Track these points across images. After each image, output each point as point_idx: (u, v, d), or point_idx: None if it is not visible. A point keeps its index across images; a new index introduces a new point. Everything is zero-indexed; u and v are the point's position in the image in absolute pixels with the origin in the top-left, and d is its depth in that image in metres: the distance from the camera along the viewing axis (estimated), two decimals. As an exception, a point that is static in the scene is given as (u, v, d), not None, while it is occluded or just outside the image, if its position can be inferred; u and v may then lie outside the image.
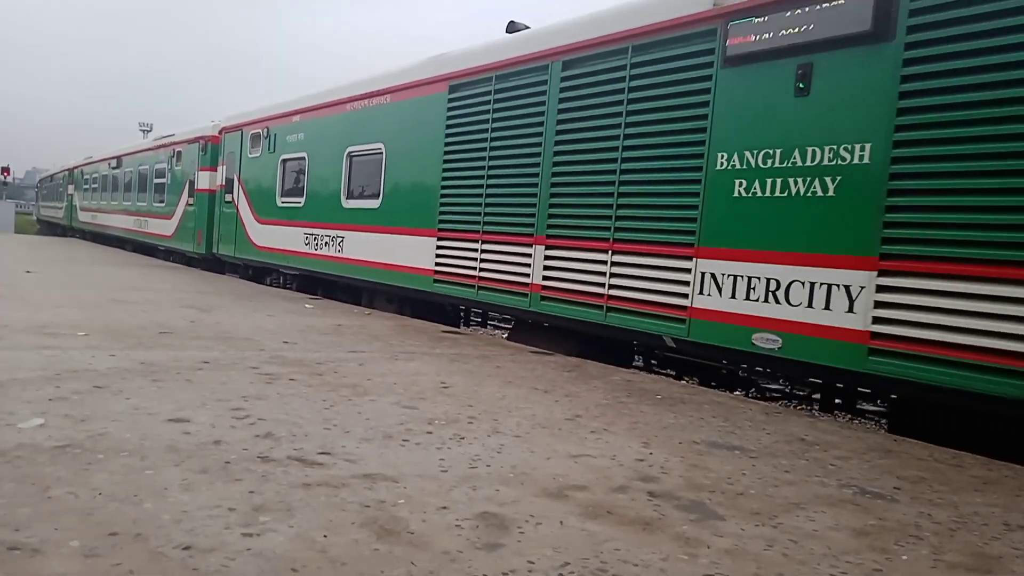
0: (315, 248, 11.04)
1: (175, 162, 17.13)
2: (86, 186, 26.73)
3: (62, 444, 3.12)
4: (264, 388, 4.49)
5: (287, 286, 12.78)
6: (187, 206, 16.29)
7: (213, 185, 15.00)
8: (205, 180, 15.33)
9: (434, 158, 8.46)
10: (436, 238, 8.44)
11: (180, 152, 16.84)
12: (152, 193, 18.75)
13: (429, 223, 8.54)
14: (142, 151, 20.03)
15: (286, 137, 11.95)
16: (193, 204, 15.93)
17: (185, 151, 16.50)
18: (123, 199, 21.51)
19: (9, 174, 42.09)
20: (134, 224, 20.40)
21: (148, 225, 19.11)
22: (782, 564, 2.45)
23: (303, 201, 11.44)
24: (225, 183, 14.34)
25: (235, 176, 13.84)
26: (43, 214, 39.11)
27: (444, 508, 2.73)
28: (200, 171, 15.52)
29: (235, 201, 13.85)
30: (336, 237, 10.49)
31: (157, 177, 18.37)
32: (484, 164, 7.76)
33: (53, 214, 34.44)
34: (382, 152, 9.48)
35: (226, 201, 14.28)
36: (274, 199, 12.33)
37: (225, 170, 14.35)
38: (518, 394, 4.89)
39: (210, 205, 15.13)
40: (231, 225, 14.03)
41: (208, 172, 15.20)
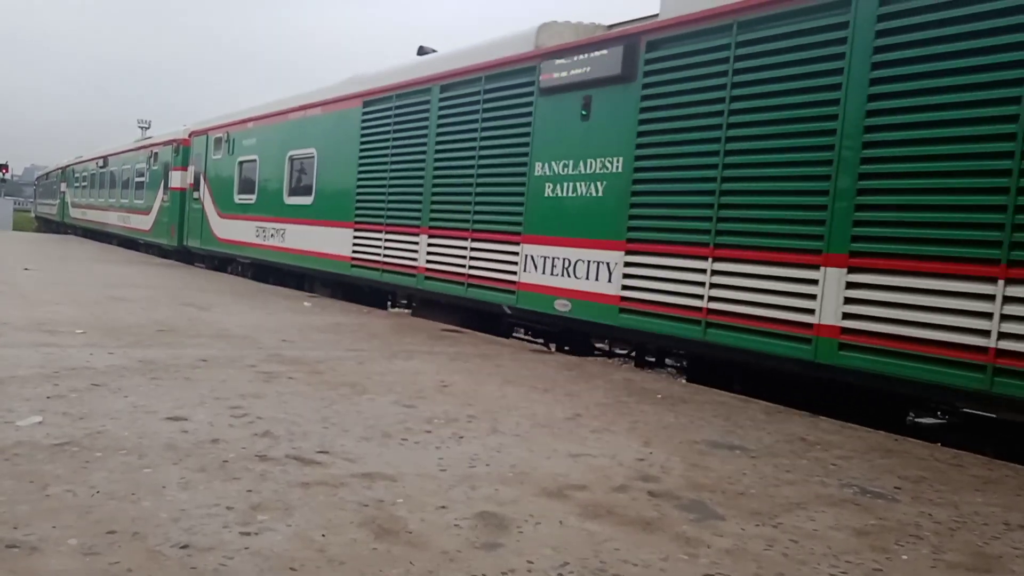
0: (264, 239, 12.43)
1: (153, 162, 18.35)
2: (76, 184, 28.12)
3: (60, 442, 3.11)
4: (263, 386, 4.49)
5: (244, 275, 13.94)
6: (163, 203, 17.52)
7: (184, 184, 16.24)
8: (177, 179, 16.57)
9: (352, 162, 9.91)
10: (353, 229, 9.92)
11: (157, 153, 18.09)
12: (133, 190, 20.01)
13: (348, 217, 10.01)
14: (125, 152, 21.27)
15: (242, 141, 13.38)
16: (168, 201, 17.16)
17: (161, 152, 17.76)
18: (108, 196, 22.77)
19: (7, 171, 42.01)
20: (118, 220, 21.62)
21: (130, 220, 20.34)
22: (782, 564, 2.45)
23: (255, 198, 12.82)
24: (193, 182, 15.63)
25: (201, 175, 15.14)
26: (40, 211, 40.27)
27: (443, 507, 2.72)
28: (173, 171, 16.79)
29: (201, 198, 15.14)
30: (280, 229, 11.92)
31: (138, 176, 19.60)
32: (387, 168, 9.24)
33: (48, 211, 35.78)
34: (314, 156, 10.93)
35: (194, 198, 15.58)
36: (232, 196, 13.63)
37: (193, 170, 15.67)
38: (518, 393, 4.88)
39: (181, 202, 16.38)
40: (198, 219, 15.34)
41: (180, 172, 16.48)
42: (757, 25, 5.26)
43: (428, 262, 8.48)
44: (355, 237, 9.84)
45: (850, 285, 4.68)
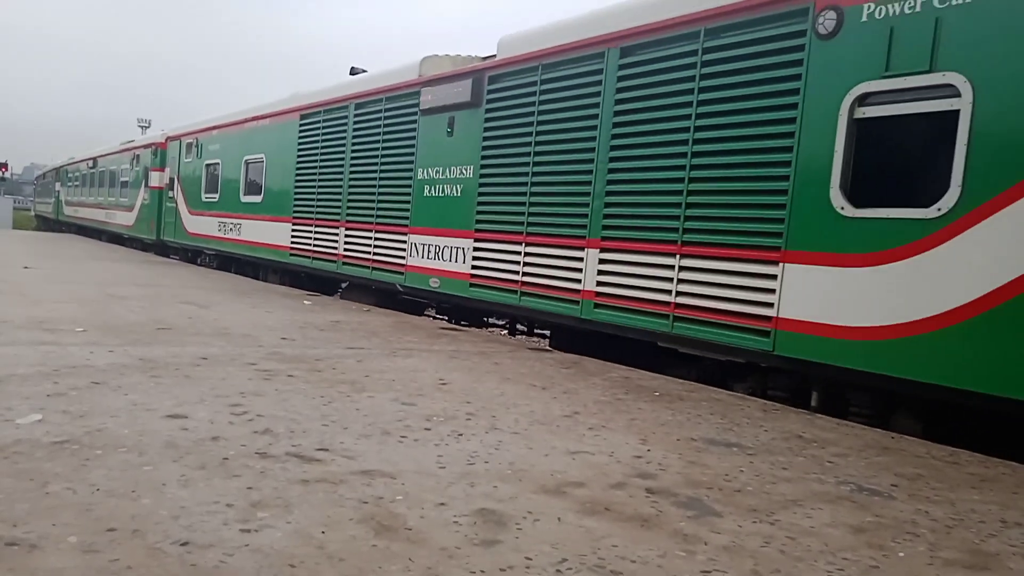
0: (225, 233, 14.25)
1: (135, 163, 20.02)
2: (70, 184, 29.91)
3: (60, 440, 3.12)
4: (262, 384, 4.50)
5: (210, 265, 15.53)
6: (143, 201, 19.18)
7: (161, 183, 17.96)
8: (156, 179, 18.23)
9: (291, 166, 11.74)
10: (291, 224, 11.71)
11: (139, 155, 19.78)
12: (119, 189, 21.69)
13: (288, 212, 11.81)
14: (112, 153, 22.87)
15: (208, 146, 15.16)
16: (147, 199, 18.81)
17: (142, 154, 19.44)
18: (98, 195, 24.57)
19: (7, 170, 41.96)
20: (105, 216, 23.37)
21: (116, 217, 22.06)
22: (779, 561, 2.46)
23: (218, 197, 14.61)
24: (169, 181, 17.44)
25: (175, 176, 16.97)
26: (38, 209, 41.67)
27: (442, 504, 2.73)
28: (152, 171, 18.42)
29: (175, 196, 16.95)
30: (237, 224, 13.72)
31: (122, 176, 21.26)
32: (316, 171, 11.06)
33: (45, 209, 37.65)
34: (264, 161, 12.75)
35: (169, 197, 17.39)
36: (200, 195, 15.44)
37: (169, 171, 17.48)
38: (516, 390, 4.89)
39: (159, 200, 18.02)
40: (172, 216, 17.15)
41: (158, 172, 18.12)
42: (553, 67, 7.07)
43: (345, 250, 10.28)
44: (292, 230, 11.67)
45: (601, 261, 6.50)
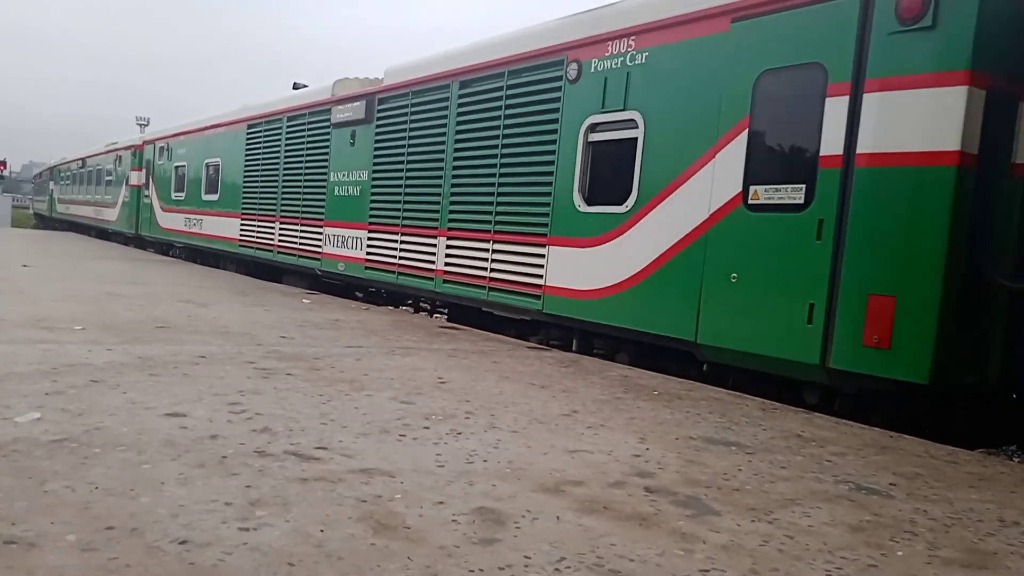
0: (190, 228, 16.06)
1: (118, 164, 21.72)
2: (62, 182, 31.83)
3: (59, 438, 3.12)
4: (261, 383, 4.49)
5: (180, 257, 17.30)
6: (124, 198, 20.91)
7: (140, 182, 19.75)
8: (135, 178, 20.02)
9: (240, 168, 13.66)
10: (240, 219, 13.64)
11: (121, 156, 21.50)
12: (104, 187, 23.48)
13: (237, 208, 13.75)
14: (98, 154, 24.60)
15: (177, 150, 17.08)
16: (128, 197, 20.53)
17: (124, 155, 21.19)
18: (86, 193, 26.39)
19: (5, 168, 41.91)
20: (92, 212, 25.25)
21: (102, 213, 23.83)
22: (778, 560, 2.46)
23: (184, 195, 16.40)
24: (145, 181, 19.28)
25: (151, 176, 18.83)
26: (36, 207, 42.44)
27: (441, 503, 2.73)
28: (132, 171, 20.17)
29: (150, 194, 18.84)
30: (200, 219, 15.58)
31: (107, 175, 23.06)
32: (259, 173, 13.00)
33: (42, 207, 39.72)
34: (220, 163, 14.69)
35: (145, 194, 19.27)
36: (170, 193, 17.28)
37: (145, 171, 19.28)
38: (515, 389, 4.89)
39: (138, 197, 19.79)
40: (148, 212, 19.04)
41: (137, 172, 19.89)
42: (419, 94, 8.93)
43: (280, 241, 12.21)
44: (241, 224, 13.58)
45: (448, 247, 8.31)
